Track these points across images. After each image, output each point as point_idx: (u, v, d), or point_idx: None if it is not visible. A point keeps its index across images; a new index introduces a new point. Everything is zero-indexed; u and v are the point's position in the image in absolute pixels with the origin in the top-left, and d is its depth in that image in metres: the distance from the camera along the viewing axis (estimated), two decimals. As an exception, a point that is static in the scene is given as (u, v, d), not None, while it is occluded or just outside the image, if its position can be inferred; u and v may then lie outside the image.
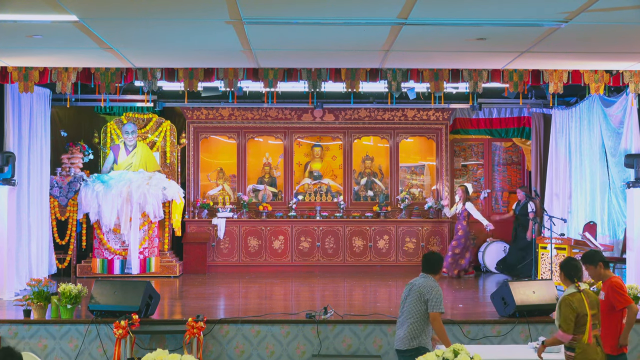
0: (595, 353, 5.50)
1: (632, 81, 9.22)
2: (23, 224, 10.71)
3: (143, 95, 12.57)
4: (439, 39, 7.55)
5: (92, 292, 8.12)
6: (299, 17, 6.69)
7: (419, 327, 6.20)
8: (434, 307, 6.16)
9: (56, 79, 9.19)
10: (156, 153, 13.24)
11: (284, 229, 13.23)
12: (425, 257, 6.44)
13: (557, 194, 12.78)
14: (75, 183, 12.35)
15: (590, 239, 10.26)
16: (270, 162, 13.96)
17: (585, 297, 5.54)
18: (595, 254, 6.24)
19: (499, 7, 6.36)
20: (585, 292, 5.57)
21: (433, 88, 9.47)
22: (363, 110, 13.57)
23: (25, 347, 7.85)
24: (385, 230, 13.21)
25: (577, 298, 5.54)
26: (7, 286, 9.84)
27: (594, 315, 5.55)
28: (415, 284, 6.31)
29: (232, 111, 13.55)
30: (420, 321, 6.20)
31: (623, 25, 6.92)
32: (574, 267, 5.72)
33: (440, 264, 6.41)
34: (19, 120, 10.59)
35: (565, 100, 12.82)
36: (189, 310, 8.98)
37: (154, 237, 12.36)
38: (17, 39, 7.55)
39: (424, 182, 14.02)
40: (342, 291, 10.85)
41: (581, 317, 5.49)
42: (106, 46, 7.91)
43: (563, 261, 5.94)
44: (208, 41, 7.75)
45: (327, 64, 9.15)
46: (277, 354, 7.88)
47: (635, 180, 9.92)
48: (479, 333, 7.91)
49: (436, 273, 6.34)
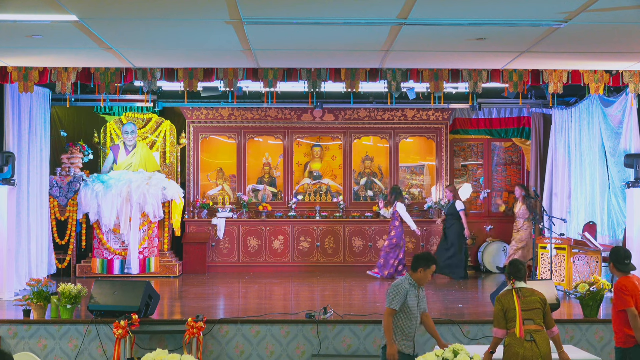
0: (520, 346, 5.71)
1: (632, 81, 9.22)
2: (23, 224, 10.70)
3: (143, 95, 12.57)
4: (439, 39, 7.55)
5: (92, 292, 8.12)
6: (299, 17, 6.69)
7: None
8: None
9: (56, 79, 9.19)
10: (156, 153, 13.24)
11: (284, 229, 13.23)
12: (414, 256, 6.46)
13: (556, 194, 12.78)
14: (75, 183, 12.35)
15: (590, 239, 10.26)
16: (270, 162, 13.96)
17: (518, 295, 5.85)
18: (611, 253, 6.28)
19: (499, 7, 6.36)
20: (519, 290, 5.89)
21: (433, 88, 9.47)
22: (363, 111, 13.57)
23: (25, 347, 7.85)
24: (385, 231, 13.20)
25: (508, 296, 5.89)
26: (7, 286, 9.84)
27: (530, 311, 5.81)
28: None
29: (232, 111, 13.55)
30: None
31: (623, 25, 6.92)
32: (515, 267, 6.02)
33: (419, 262, 6.24)
34: (19, 120, 10.58)
35: (565, 101, 12.82)
36: (189, 310, 8.98)
37: (154, 237, 12.37)
38: (17, 39, 7.55)
39: (424, 183, 14.02)
40: (342, 291, 10.85)
41: (509, 312, 5.81)
42: (106, 46, 7.91)
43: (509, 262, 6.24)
44: (208, 41, 7.75)
45: (327, 64, 9.15)
46: (277, 354, 7.88)
47: (635, 180, 9.93)
48: (479, 333, 7.91)
49: (414, 270, 6.22)
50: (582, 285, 8.20)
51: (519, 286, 5.95)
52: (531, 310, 5.85)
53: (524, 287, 5.96)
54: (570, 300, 9.52)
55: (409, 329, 6.16)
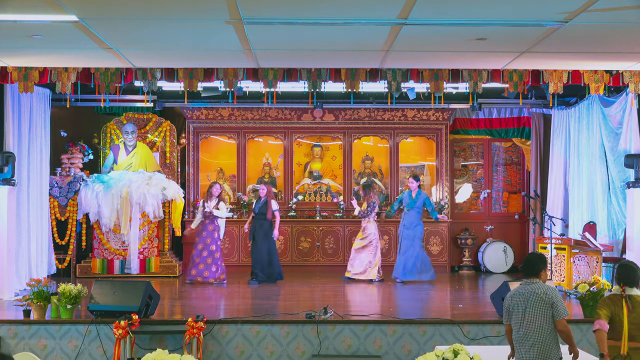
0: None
1: (632, 81, 9.22)
2: (23, 224, 10.70)
3: (143, 95, 12.56)
4: (439, 39, 7.55)
5: (92, 292, 8.12)
6: (299, 17, 6.69)
7: (552, 339, 5.30)
8: (561, 312, 5.24)
9: (56, 79, 9.19)
10: (156, 153, 13.23)
11: (284, 229, 13.21)
12: (527, 260, 5.56)
13: (556, 194, 12.78)
14: (75, 183, 12.34)
15: (590, 239, 10.26)
16: (270, 162, 13.96)
17: (627, 304, 5.39)
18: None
19: (499, 7, 6.36)
20: (629, 299, 5.42)
21: (433, 88, 9.47)
22: (363, 111, 13.57)
23: (25, 347, 7.85)
24: (385, 231, 13.20)
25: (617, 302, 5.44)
26: (7, 286, 9.84)
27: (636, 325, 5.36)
28: (531, 291, 5.37)
29: (232, 111, 13.55)
30: (552, 332, 5.31)
31: (623, 25, 6.92)
32: (627, 271, 5.43)
33: (541, 263, 5.49)
34: (19, 120, 10.58)
35: (565, 101, 12.82)
36: (189, 310, 8.98)
37: (154, 237, 12.36)
38: (17, 39, 7.55)
39: (424, 183, 14.02)
40: (342, 291, 10.85)
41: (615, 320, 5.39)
42: (106, 46, 7.91)
43: (619, 264, 5.67)
44: (208, 41, 7.75)
45: (327, 64, 9.15)
46: (277, 354, 7.88)
47: (635, 181, 9.93)
48: (479, 333, 7.91)
49: (537, 275, 5.44)
50: (582, 285, 8.20)
51: (630, 293, 5.32)
52: (635, 324, 5.26)
53: (634, 295, 5.32)
54: (570, 300, 9.52)
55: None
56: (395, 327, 7.92)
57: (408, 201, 11.77)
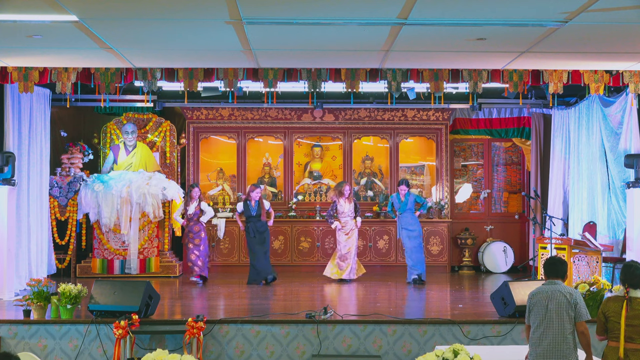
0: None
1: (632, 81, 9.22)
2: (23, 224, 10.70)
3: (143, 95, 12.56)
4: (439, 39, 7.55)
5: (92, 292, 8.12)
6: (299, 17, 6.69)
7: (570, 340, 5.32)
8: (583, 314, 5.31)
9: (56, 79, 9.18)
10: (156, 153, 13.23)
11: (284, 229, 13.22)
12: (550, 263, 5.59)
13: (556, 194, 12.78)
14: (75, 183, 12.35)
15: (590, 239, 10.26)
16: (270, 162, 13.96)
17: (627, 306, 5.37)
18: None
19: (499, 7, 6.36)
20: (631, 301, 5.38)
21: (433, 88, 9.47)
22: (363, 111, 13.57)
23: (25, 347, 7.85)
24: (385, 230, 13.21)
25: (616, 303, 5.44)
26: (7, 286, 9.84)
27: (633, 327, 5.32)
28: (556, 290, 5.39)
29: (232, 111, 13.55)
30: (572, 334, 5.33)
31: (623, 25, 6.92)
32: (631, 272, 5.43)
33: (563, 266, 5.58)
34: (19, 120, 10.58)
35: (565, 101, 12.82)
36: (189, 310, 8.98)
37: (154, 237, 12.37)
38: (17, 39, 7.55)
39: (424, 182, 14.02)
40: (342, 291, 10.85)
41: (609, 321, 5.44)
42: (106, 46, 7.91)
43: (623, 265, 5.65)
44: (208, 41, 7.75)
45: (327, 64, 9.14)
46: (277, 354, 7.88)
47: (635, 180, 9.93)
48: (479, 333, 7.91)
49: (562, 276, 5.51)
50: (582, 285, 8.20)
51: (633, 295, 5.32)
52: (634, 326, 5.26)
53: (637, 298, 5.31)
54: (570, 300, 9.51)
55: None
56: (395, 327, 7.92)
57: (399, 205, 11.80)
